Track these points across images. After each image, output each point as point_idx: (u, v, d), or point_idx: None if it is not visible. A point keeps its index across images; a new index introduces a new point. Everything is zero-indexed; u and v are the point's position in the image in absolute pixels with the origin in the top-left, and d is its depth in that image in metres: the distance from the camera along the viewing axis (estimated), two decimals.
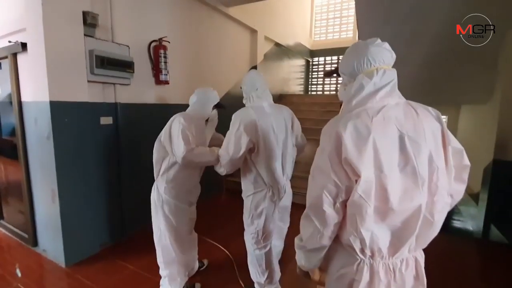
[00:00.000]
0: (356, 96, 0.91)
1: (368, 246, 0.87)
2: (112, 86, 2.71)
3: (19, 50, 2.38)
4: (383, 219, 0.85)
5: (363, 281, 0.89)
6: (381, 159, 0.82)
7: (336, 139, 0.85)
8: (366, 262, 0.89)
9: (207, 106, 2.11)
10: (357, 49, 0.96)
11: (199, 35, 3.86)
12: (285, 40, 6.44)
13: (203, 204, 3.94)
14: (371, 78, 0.90)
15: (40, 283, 2.24)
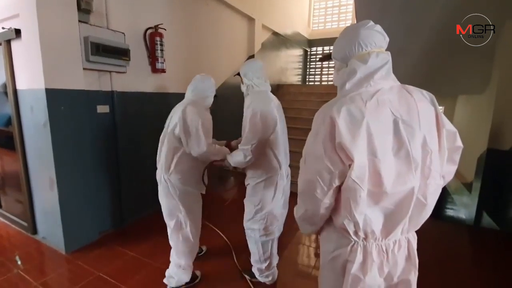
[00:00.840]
0: (349, 81, 0.91)
1: (361, 229, 0.88)
2: (108, 74, 2.69)
3: (13, 36, 2.34)
4: (377, 202, 0.87)
5: (357, 262, 0.91)
6: (375, 143, 0.82)
7: (330, 124, 0.85)
8: (359, 244, 0.91)
9: (210, 94, 2.10)
10: (348, 33, 0.95)
11: (196, 22, 3.81)
12: (283, 29, 6.37)
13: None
14: (363, 62, 0.89)
15: (41, 269, 2.28)
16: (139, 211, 3.14)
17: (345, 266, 0.94)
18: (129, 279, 2.12)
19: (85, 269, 2.23)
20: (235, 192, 3.67)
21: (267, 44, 5.83)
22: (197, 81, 2.03)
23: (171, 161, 1.88)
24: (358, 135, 0.81)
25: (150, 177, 3.31)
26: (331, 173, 0.87)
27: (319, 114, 0.93)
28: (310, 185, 0.91)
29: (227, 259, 2.40)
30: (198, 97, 2.00)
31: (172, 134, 1.88)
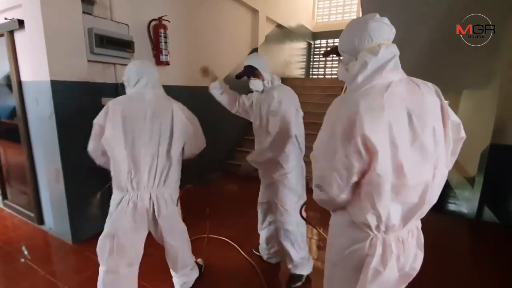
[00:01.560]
0: (361, 74, 0.89)
1: (383, 222, 0.88)
2: (112, 66, 2.68)
3: (16, 27, 2.32)
4: (398, 195, 0.87)
5: (377, 255, 0.90)
6: (395, 135, 0.82)
7: (348, 120, 0.83)
8: (378, 237, 0.91)
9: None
10: (357, 25, 0.94)
11: (200, 14, 3.77)
12: (287, 22, 6.30)
13: (203, 186, 4.01)
14: (374, 54, 0.88)
15: (48, 259, 2.31)
16: None
17: (362, 261, 0.93)
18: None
19: (92, 259, 2.26)
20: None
21: (271, 36, 5.77)
22: (150, 69, 1.62)
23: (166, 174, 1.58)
24: (381, 127, 0.81)
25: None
26: (350, 169, 0.86)
27: (334, 109, 0.91)
28: (325, 181, 0.91)
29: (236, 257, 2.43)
30: (160, 89, 1.68)
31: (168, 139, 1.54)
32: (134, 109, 1.47)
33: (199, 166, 4.08)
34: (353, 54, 0.94)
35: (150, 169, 1.49)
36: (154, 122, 1.48)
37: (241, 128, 5.20)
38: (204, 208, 2.30)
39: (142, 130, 1.46)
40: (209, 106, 4.12)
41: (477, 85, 4.46)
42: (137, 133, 1.45)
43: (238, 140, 5.15)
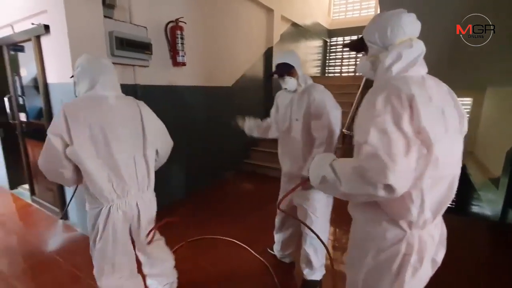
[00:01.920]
0: (395, 65, 0.90)
1: (422, 217, 0.88)
2: (131, 68, 2.76)
3: (42, 32, 2.44)
4: (433, 187, 0.87)
5: (414, 254, 0.90)
6: (436, 127, 0.83)
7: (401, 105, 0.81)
8: (414, 234, 0.90)
9: None
10: (390, 17, 0.94)
11: (215, 15, 3.81)
12: (302, 20, 6.24)
13: (219, 186, 4.07)
14: (408, 47, 0.90)
15: (72, 253, 2.42)
16: (164, 199, 3.24)
17: (400, 262, 0.91)
18: None
19: None
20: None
21: (286, 35, 5.74)
22: (108, 67, 1.43)
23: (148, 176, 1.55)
24: (432, 116, 0.82)
25: (172, 166, 3.41)
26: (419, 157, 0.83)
27: (377, 96, 0.85)
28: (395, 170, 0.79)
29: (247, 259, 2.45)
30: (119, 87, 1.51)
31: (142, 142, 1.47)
32: (100, 115, 1.33)
33: (214, 165, 4.14)
34: (384, 45, 0.94)
35: (131, 174, 1.42)
36: (126, 127, 1.40)
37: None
38: (218, 207, 2.32)
39: (115, 137, 1.35)
40: (223, 105, 4.18)
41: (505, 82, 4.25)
42: (110, 141, 1.33)
43: (253, 139, 5.17)
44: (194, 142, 3.67)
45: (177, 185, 3.50)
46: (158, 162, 1.67)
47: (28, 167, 3.39)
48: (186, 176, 3.62)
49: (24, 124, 3.27)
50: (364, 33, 1.01)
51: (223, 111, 4.18)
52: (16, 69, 3.20)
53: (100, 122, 1.31)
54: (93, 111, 1.32)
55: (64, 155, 1.28)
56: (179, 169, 3.50)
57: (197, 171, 3.79)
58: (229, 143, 4.39)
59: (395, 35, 0.91)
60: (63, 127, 1.26)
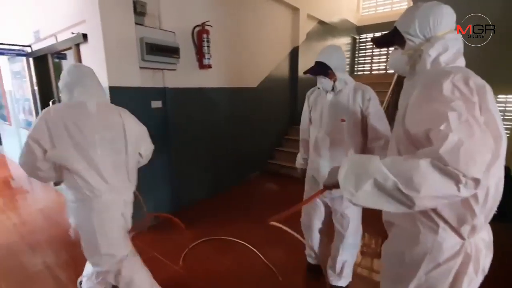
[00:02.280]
0: (442, 57, 0.87)
1: (477, 222, 0.81)
2: (160, 72, 2.89)
3: (81, 40, 2.64)
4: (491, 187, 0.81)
5: (471, 264, 0.83)
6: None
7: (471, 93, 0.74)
8: (471, 242, 0.83)
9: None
10: (431, 8, 0.90)
11: (240, 17, 3.85)
12: (330, 17, 6.10)
13: (243, 186, 4.10)
14: (454, 39, 0.88)
15: None
16: (189, 198, 3.36)
17: (456, 272, 0.84)
18: (178, 259, 2.32)
19: (142, 248, 2.48)
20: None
21: (312, 34, 5.65)
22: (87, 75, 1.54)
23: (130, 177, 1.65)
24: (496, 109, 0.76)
25: (198, 166, 3.51)
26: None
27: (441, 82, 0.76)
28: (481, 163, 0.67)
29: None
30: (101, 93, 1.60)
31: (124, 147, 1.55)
32: (78, 120, 1.40)
33: (239, 165, 4.19)
34: (425, 37, 0.90)
35: (111, 176, 1.49)
36: (106, 133, 1.47)
37: (281, 128, 5.20)
38: (241, 207, 2.34)
39: (94, 141, 1.42)
40: (249, 106, 4.21)
41: None
42: (90, 144, 1.41)
43: (278, 139, 5.15)
44: (220, 142, 3.75)
45: (203, 184, 3.60)
46: (142, 162, 1.77)
47: None
48: (212, 175, 3.70)
49: None
50: (399, 25, 0.96)
51: (248, 112, 4.22)
52: (60, 75, 3.49)
53: (79, 127, 1.39)
54: (74, 119, 1.40)
55: (40, 159, 1.36)
56: (205, 169, 3.59)
57: (223, 171, 3.86)
58: (254, 144, 4.42)
59: (438, 26, 0.88)
60: (44, 133, 1.35)
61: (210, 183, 3.69)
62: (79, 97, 1.46)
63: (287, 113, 5.32)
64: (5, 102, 5.30)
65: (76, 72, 1.50)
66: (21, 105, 4.59)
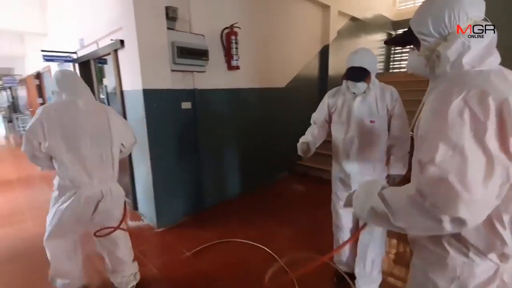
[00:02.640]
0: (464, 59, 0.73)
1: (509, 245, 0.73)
2: (190, 74, 2.99)
3: (119, 46, 2.82)
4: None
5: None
6: None
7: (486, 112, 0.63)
8: (507, 268, 0.75)
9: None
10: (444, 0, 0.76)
11: (268, 17, 3.86)
12: (363, 13, 5.87)
13: (271, 186, 4.10)
14: None
15: (139, 240, 2.73)
16: (217, 198, 3.44)
17: None
18: (204, 257, 2.38)
19: (171, 244, 2.60)
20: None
21: (344, 31, 5.48)
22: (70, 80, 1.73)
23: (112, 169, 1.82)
24: None
25: (226, 166, 3.57)
26: (504, 183, 0.66)
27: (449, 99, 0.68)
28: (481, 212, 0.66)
29: None
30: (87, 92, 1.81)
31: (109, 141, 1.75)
32: (70, 118, 1.62)
33: (268, 165, 4.19)
34: (441, 35, 0.77)
35: (96, 167, 1.68)
36: (93, 128, 1.68)
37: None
38: (268, 207, 2.34)
39: (83, 137, 1.63)
40: (277, 106, 4.20)
41: None
42: (78, 139, 1.62)
43: None
44: (248, 142, 3.79)
45: (230, 184, 3.66)
46: (124, 153, 1.98)
47: None
48: (240, 175, 3.75)
49: None
50: (412, 23, 0.84)
51: (276, 112, 4.21)
52: (101, 79, 3.77)
53: (71, 125, 1.61)
54: (64, 115, 1.61)
55: (37, 149, 1.60)
56: (233, 169, 3.65)
57: (251, 171, 3.90)
58: (282, 144, 4.40)
59: (455, 21, 0.74)
60: (39, 130, 1.56)
61: (237, 183, 3.75)
62: (69, 96, 1.67)
63: None
64: None
65: (63, 77, 1.70)
66: None
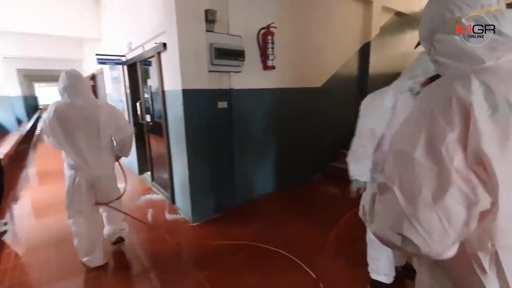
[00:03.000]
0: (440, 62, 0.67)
1: None
2: (227, 74, 3.07)
3: (162, 49, 3.00)
4: None
5: None
6: None
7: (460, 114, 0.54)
8: None
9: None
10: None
11: (305, 15, 3.80)
12: (410, 7, 5.49)
13: (304, 187, 4.04)
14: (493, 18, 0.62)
15: (176, 232, 2.89)
16: (249, 195, 3.50)
17: None
18: (235, 253, 2.44)
19: (205, 238, 2.70)
20: None
21: (388, 27, 5.18)
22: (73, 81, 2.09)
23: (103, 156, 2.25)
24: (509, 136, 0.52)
25: (260, 165, 3.60)
26: (470, 206, 0.55)
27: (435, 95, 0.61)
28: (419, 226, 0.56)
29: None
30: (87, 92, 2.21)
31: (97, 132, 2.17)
32: (69, 114, 2.07)
33: (302, 166, 4.14)
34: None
35: (89, 154, 2.15)
36: (87, 122, 2.11)
37: (347, 129, 4.93)
38: (299, 209, 2.31)
39: (79, 130, 2.10)
40: (312, 106, 4.12)
41: None
42: (73, 132, 2.09)
43: (343, 141, 4.91)
44: (282, 142, 3.78)
45: (263, 183, 3.68)
46: (121, 142, 2.32)
47: (150, 158, 4.23)
48: (273, 175, 3.76)
49: (150, 123, 4.10)
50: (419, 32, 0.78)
51: (311, 112, 4.14)
52: (146, 80, 4.04)
53: (69, 120, 2.07)
54: (65, 113, 2.07)
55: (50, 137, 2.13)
56: (266, 168, 3.67)
57: (284, 171, 3.88)
58: (317, 145, 4.31)
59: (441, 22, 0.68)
60: (46, 125, 2.10)
61: (270, 182, 3.76)
62: (69, 97, 2.09)
63: (354, 114, 5.01)
64: None
65: (67, 79, 2.06)
66: (117, 106, 5.47)
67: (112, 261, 2.40)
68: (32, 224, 3.20)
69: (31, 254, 2.54)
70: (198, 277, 2.15)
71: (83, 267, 2.29)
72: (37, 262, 2.41)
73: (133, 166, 4.89)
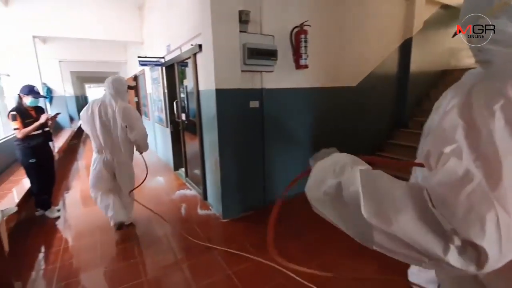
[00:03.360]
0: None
1: None
2: (259, 74, 3.10)
3: (197, 50, 3.12)
4: None
5: None
6: None
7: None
8: None
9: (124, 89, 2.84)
10: None
11: (341, 12, 3.69)
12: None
13: None
14: None
15: (207, 227, 3.00)
16: (279, 195, 3.49)
17: None
18: (261, 251, 2.45)
19: (235, 235, 2.76)
20: None
21: (432, 21, 4.85)
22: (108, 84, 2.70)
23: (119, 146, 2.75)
24: None
25: (291, 165, 3.58)
26: None
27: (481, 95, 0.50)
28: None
29: None
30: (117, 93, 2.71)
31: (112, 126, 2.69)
32: (95, 110, 2.64)
33: None
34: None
35: (107, 143, 2.70)
36: (106, 119, 2.66)
37: (384, 131, 4.70)
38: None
39: (97, 124, 2.64)
40: (346, 106, 4.00)
41: None
42: (95, 125, 2.65)
43: (380, 143, 4.69)
44: (315, 142, 3.71)
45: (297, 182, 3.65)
46: (135, 141, 2.77)
47: (184, 155, 4.42)
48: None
49: (185, 121, 4.28)
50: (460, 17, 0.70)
51: (345, 112, 4.02)
52: (182, 80, 4.23)
53: (95, 114, 2.64)
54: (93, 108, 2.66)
55: None
56: (297, 168, 3.64)
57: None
58: (351, 146, 4.16)
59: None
60: (82, 119, 2.70)
61: (301, 182, 3.71)
62: (103, 96, 2.73)
63: (392, 115, 4.76)
64: (147, 102, 6.81)
65: (110, 81, 2.69)
66: (156, 105, 5.81)
67: (147, 250, 2.56)
68: (81, 212, 3.54)
69: (79, 239, 2.81)
70: (227, 272, 2.21)
71: (125, 253, 2.48)
72: (84, 246, 2.66)
73: (169, 162, 5.15)
